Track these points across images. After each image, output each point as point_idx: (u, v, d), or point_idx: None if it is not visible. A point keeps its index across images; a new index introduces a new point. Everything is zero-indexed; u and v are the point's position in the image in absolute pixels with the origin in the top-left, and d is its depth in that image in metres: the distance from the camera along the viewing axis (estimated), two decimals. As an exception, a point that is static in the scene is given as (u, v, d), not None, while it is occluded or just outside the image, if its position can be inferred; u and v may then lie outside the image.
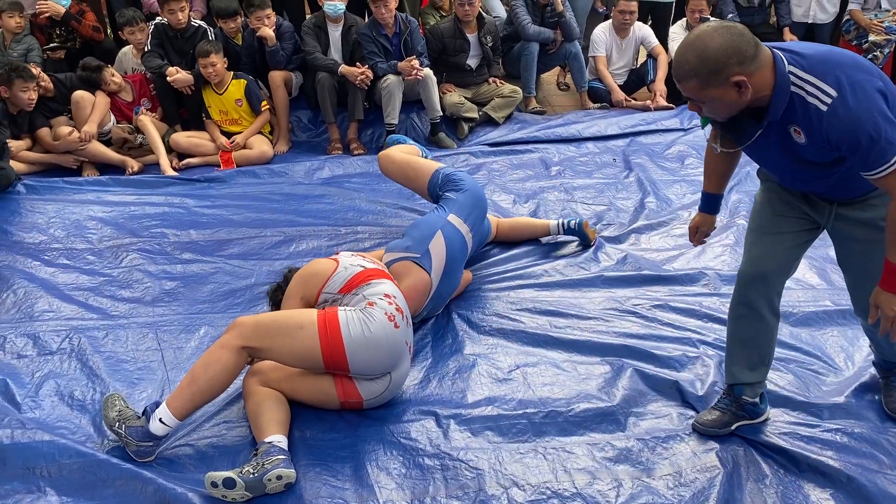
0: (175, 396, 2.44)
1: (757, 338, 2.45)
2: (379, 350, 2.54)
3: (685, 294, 3.39)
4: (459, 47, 5.75)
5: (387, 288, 2.71)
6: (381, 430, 2.60)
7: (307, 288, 2.77)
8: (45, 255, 3.79)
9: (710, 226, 2.62)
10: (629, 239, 3.95)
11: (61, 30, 5.58)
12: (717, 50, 1.87)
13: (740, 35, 1.89)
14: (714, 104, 1.97)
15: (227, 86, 5.24)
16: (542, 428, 2.61)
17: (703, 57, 1.88)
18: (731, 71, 1.88)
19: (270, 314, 2.66)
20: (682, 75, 1.95)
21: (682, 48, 1.95)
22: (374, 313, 2.56)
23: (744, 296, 2.41)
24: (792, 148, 2.05)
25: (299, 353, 2.50)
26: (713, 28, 1.91)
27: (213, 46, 5.10)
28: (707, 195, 2.57)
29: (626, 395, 2.73)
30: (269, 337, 2.48)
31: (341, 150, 5.43)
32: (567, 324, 3.19)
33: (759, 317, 2.41)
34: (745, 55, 1.88)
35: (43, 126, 5.01)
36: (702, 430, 2.54)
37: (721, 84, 1.90)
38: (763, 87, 1.93)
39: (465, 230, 3.36)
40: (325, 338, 2.47)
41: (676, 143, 5.34)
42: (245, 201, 4.42)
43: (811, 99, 1.91)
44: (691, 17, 6.15)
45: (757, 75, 1.91)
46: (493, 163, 5.09)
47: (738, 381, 2.50)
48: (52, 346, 3.07)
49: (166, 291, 3.46)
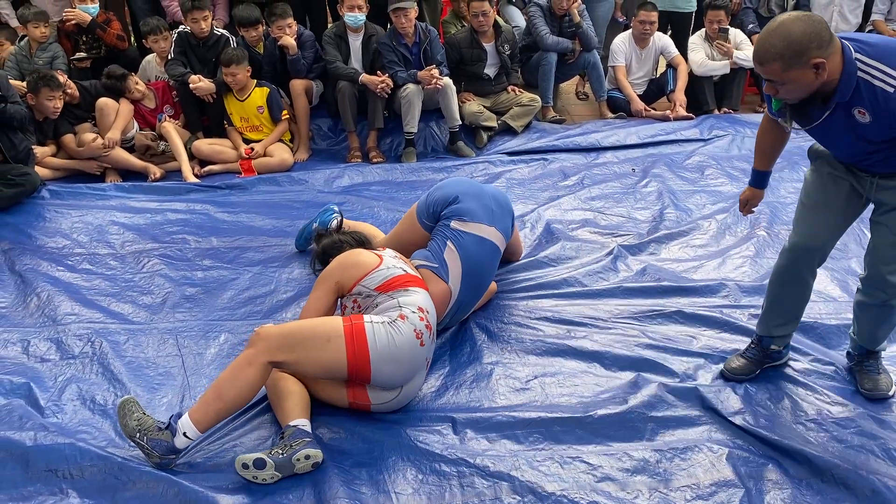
0: (199, 410, 2.43)
1: (796, 300, 2.76)
2: (401, 365, 2.59)
3: (705, 305, 3.37)
4: (476, 57, 5.77)
5: (421, 300, 2.72)
6: (399, 435, 2.61)
7: (345, 276, 2.79)
8: (69, 259, 3.83)
9: (759, 199, 2.90)
10: (648, 249, 3.94)
11: (87, 37, 5.65)
12: (801, 35, 2.08)
13: (819, 22, 2.11)
14: (792, 85, 2.17)
15: (250, 93, 5.29)
16: (560, 436, 2.61)
17: (788, 41, 2.08)
18: (811, 54, 2.09)
19: (295, 324, 2.63)
20: (766, 58, 2.14)
21: (765, 34, 2.14)
22: (403, 328, 2.58)
23: (793, 265, 2.66)
24: (855, 128, 2.26)
25: (326, 365, 2.53)
26: (795, 16, 2.12)
27: (239, 55, 5.16)
28: (758, 172, 2.83)
29: (645, 404, 2.71)
30: (296, 350, 2.49)
31: (360, 158, 5.46)
32: (586, 333, 3.18)
33: (804, 283, 2.70)
34: (823, 40, 2.09)
35: (67, 132, 5.08)
36: (730, 377, 2.84)
37: (803, 66, 2.10)
38: (833, 71, 2.14)
39: (479, 229, 3.20)
40: (351, 350, 2.50)
41: (696, 153, 5.31)
42: (265, 209, 4.46)
43: (878, 83, 2.12)
44: (710, 28, 6.15)
45: (830, 59, 2.12)
46: (511, 171, 5.10)
47: (770, 335, 2.81)
48: (75, 350, 3.10)
49: (187, 297, 3.49)
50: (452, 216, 3.22)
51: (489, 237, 3.23)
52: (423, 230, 3.33)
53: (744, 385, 2.83)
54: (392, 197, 4.70)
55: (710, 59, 6.17)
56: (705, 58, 6.16)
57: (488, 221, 3.25)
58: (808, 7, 6.45)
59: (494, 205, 3.32)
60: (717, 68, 6.16)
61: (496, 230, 3.27)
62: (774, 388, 2.82)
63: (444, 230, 3.21)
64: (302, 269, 3.74)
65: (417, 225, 3.36)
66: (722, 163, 5.15)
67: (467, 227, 3.19)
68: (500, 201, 3.38)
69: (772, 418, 2.66)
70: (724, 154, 5.32)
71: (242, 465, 2.35)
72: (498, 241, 3.28)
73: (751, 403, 2.74)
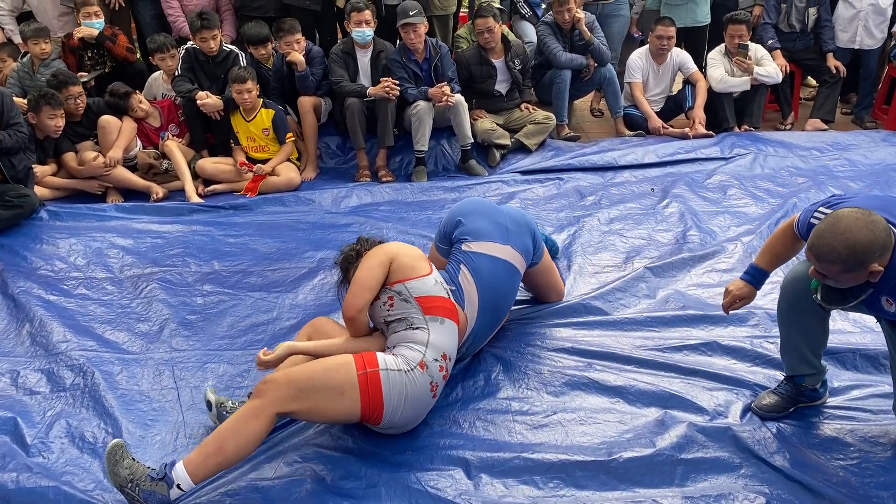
0: (197, 463, 2.25)
1: (810, 333, 2.58)
2: (412, 413, 2.52)
3: (733, 335, 3.18)
4: (486, 73, 5.61)
5: (448, 343, 2.62)
6: (407, 478, 2.43)
7: (399, 262, 2.65)
8: (64, 284, 3.68)
9: (752, 300, 2.69)
10: (672, 274, 3.74)
11: (93, 52, 5.54)
12: (866, 245, 2.05)
13: (884, 230, 2.07)
14: (843, 282, 2.17)
15: (257, 113, 5.14)
16: (582, 482, 2.41)
17: (852, 250, 2.05)
18: (872, 262, 2.08)
19: (305, 372, 2.41)
20: (826, 259, 2.10)
21: (829, 235, 2.08)
22: (419, 379, 2.48)
23: (793, 295, 2.53)
24: (876, 307, 2.29)
25: (338, 416, 2.45)
26: (863, 222, 2.06)
27: (249, 73, 5.03)
28: (761, 271, 2.64)
29: (674, 445, 2.51)
30: (308, 400, 2.35)
31: (369, 177, 5.30)
32: (607, 366, 2.98)
33: (810, 313, 2.51)
34: (886, 248, 2.08)
35: (69, 151, 4.95)
36: (761, 415, 2.66)
37: (860, 271, 2.10)
38: (883, 268, 2.13)
39: (491, 248, 2.99)
40: (367, 402, 2.41)
41: (717, 172, 5.12)
42: (270, 230, 4.30)
43: None
44: (730, 43, 5.97)
45: (885, 261, 2.11)
46: (525, 191, 4.92)
47: (798, 374, 2.64)
48: (66, 381, 2.95)
49: (185, 325, 3.32)
50: (461, 238, 3.04)
51: (504, 256, 3.02)
52: (442, 255, 3.14)
53: (779, 424, 2.63)
54: (402, 217, 4.53)
55: (729, 75, 5.99)
56: (725, 74, 5.98)
57: (502, 240, 3.04)
58: (830, 22, 6.27)
59: (510, 223, 3.11)
60: (737, 85, 5.97)
61: (512, 248, 3.05)
62: (813, 428, 2.62)
63: (456, 254, 3.02)
64: (306, 294, 3.57)
65: (437, 252, 3.19)
66: (745, 182, 4.95)
67: (478, 247, 2.99)
68: (516, 219, 3.16)
69: (812, 462, 2.45)
70: (747, 173, 5.12)
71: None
72: (515, 261, 3.06)
73: (788, 444, 2.53)
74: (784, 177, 5.09)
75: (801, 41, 6.36)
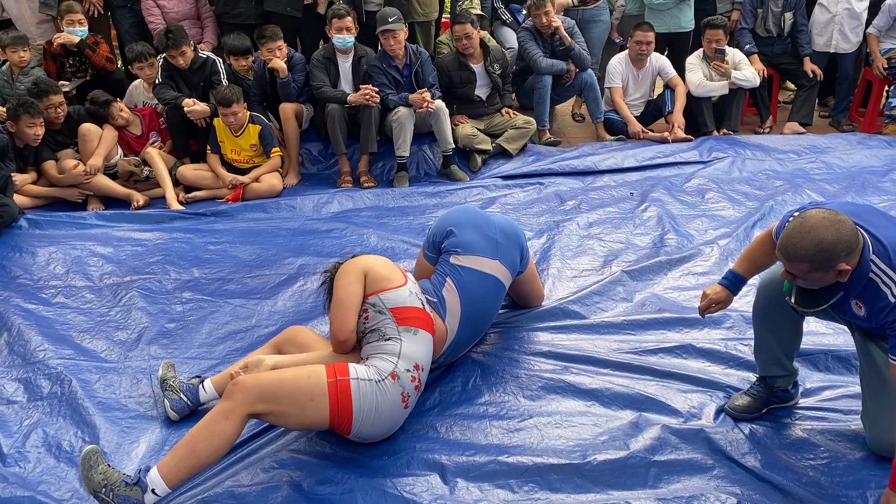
0: (170, 466, 2.25)
1: (783, 335, 2.63)
2: (382, 425, 2.53)
3: (708, 338, 3.21)
4: (466, 79, 5.64)
5: (422, 354, 2.62)
6: (383, 483, 2.44)
7: (373, 275, 2.66)
8: (43, 292, 3.67)
9: (728, 304, 2.73)
10: (649, 277, 3.77)
11: (74, 59, 5.53)
12: (832, 243, 2.09)
13: (850, 230, 2.12)
14: (812, 281, 2.22)
15: (244, 128, 5.14)
16: (556, 484, 2.43)
17: (819, 248, 2.10)
18: (839, 261, 2.12)
19: (276, 377, 2.43)
20: (795, 257, 2.15)
21: (797, 234, 2.14)
22: (390, 390, 2.49)
23: (768, 297, 2.58)
24: (847, 312, 2.34)
25: (306, 422, 2.44)
26: (829, 221, 2.11)
27: (234, 93, 4.98)
28: (737, 276, 2.67)
29: (647, 448, 2.54)
30: (277, 403, 2.36)
31: (351, 182, 5.31)
32: (584, 369, 3.01)
33: (784, 315, 2.55)
34: (852, 247, 2.12)
35: (49, 159, 4.93)
36: (734, 416, 2.69)
37: (828, 270, 2.14)
38: (852, 268, 2.17)
39: (480, 263, 2.97)
40: (335, 410, 2.41)
41: (696, 175, 5.17)
42: (250, 237, 4.30)
43: (884, 287, 2.16)
44: (708, 48, 6.04)
45: (853, 262, 2.15)
46: (506, 196, 4.96)
47: (770, 374, 2.68)
48: (43, 390, 2.94)
49: (164, 333, 3.32)
50: (451, 249, 3.02)
51: (491, 272, 3.01)
52: (429, 262, 3.14)
53: (751, 425, 2.66)
54: (383, 223, 4.55)
55: (708, 79, 6.05)
56: (703, 78, 6.04)
57: (491, 254, 3.02)
58: (806, 27, 6.35)
59: (500, 236, 3.08)
60: (716, 89, 6.04)
61: (500, 264, 3.04)
62: (785, 429, 2.66)
63: (443, 265, 3.01)
64: (286, 301, 3.58)
65: (424, 260, 3.18)
66: (723, 186, 5.00)
67: (466, 262, 2.97)
68: (506, 232, 3.13)
69: (783, 463, 2.48)
70: (725, 177, 5.18)
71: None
72: (502, 276, 3.06)
73: (760, 446, 2.56)
74: (761, 180, 5.15)
75: (778, 45, 6.44)
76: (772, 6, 6.29)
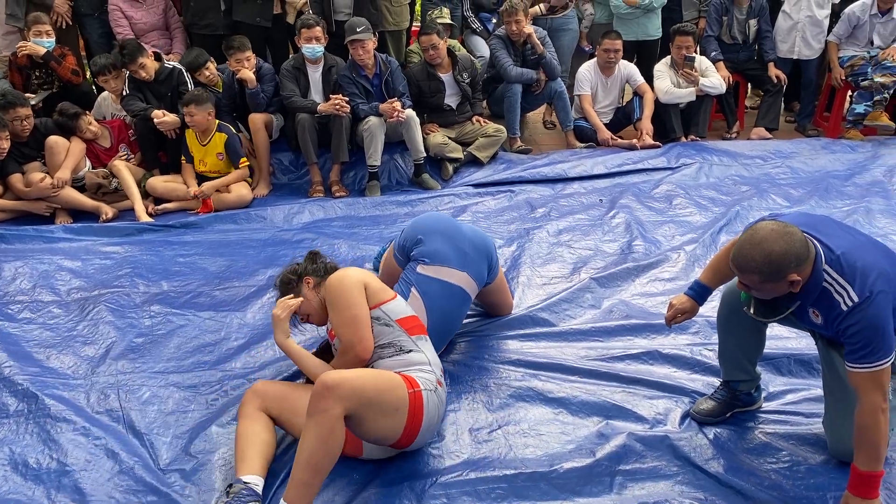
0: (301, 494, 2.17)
1: (747, 341, 2.69)
2: (428, 435, 2.54)
3: (674, 343, 3.26)
4: (435, 88, 5.67)
5: (436, 357, 2.64)
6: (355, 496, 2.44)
7: (371, 296, 2.57)
8: (9, 308, 3.63)
9: (694, 314, 2.76)
10: (616, 284, 3.81)
11: (41, 71, 5.47)
12: (781, 254, 2.13)
13: (799, 241, 2.16)
14: (765, 292, 2.25)
15: (211, 137, 5.12)
16: (524, 492, 2.45)
17: (768, 259, 2.14)
18: (789, 271, 2.15)
19: (366, 379, 2.29)
20: (745, 269, 2.19)
21: (747, 246, 2.18)
22: (442, 397, 2.55)
23: (732, 304, 2.62)
24: (807, 321, 2.39)
25: (381, 434, 2.38)
26: (777, 234, 2.15)
27: (200, 97, 4.96)
28: (702, 286, 2.72)
29: (612, 455, 2.57)
30: (367, 409, 2.26)
31: (323, 192, 5.32)
32: (552, 377, 3.03)
33: (747, 323, 2.60)
34: (801, 258, 2.15)
35: (15, 172, 4.89)
36: (699, 420, 2.75)
37: (779, 281, 2.17)
38: (804, 278, 2.22)
39: (448, 274, 2.99)
40: (410, 425, 2.38)
41: (664, 181, 5.24)
42: (220, 248, 4.29)
43: (837, 296, 2.20)
44: (677, 55, 6.12)
45: (804, 272, 2.20)
46: (477, 204, 4.99)
47: (733, 379, 2.74)
48: (10, 408, 2.90)
49: (132, 348, 3.30)
50: (419, 258, 3.03)
51: (458, 283, 3.03)
52: (398, 265, 3.15)
53: (716, 430, 2.70)
54: (354, 233, 4.55)
55: (675, 86, 6.13)
56: (671, 85, 6.12)
57: (459, 266, 3.03)
58: (770, 32, 6.45)
59: (470, 248, 3.09)
60: (683, 96, 6.12)
61: (467, 276, 3.05)
62: (748, 433, 2.70)
63: (409, 273, 3.02)
64: (255, 313, 3.57)
65: (393, 260, 3.19)
66: (690, 191, 5.08)
67: (433, 272, 2.98)
68: (476, 244, 3.13)
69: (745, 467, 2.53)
70: (693, 182, 5.25)
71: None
72: (469, 288, 3.07)
73: (723, 451, 2.61)
74: (728, 185, 5.23)
75: (743, 52, 6.54)
76: (736, 14, 6.40)
